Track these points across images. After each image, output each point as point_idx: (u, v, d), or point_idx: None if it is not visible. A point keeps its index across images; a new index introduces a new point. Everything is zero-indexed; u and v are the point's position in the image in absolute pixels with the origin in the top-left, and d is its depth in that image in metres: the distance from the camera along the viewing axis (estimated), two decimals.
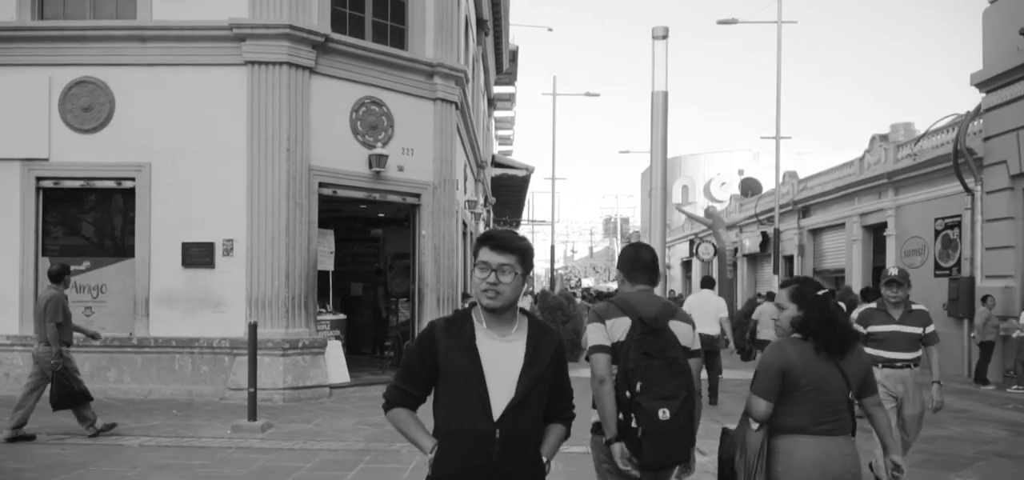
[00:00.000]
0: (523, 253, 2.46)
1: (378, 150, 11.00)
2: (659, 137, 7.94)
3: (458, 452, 2.38)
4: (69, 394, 7.64)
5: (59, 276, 7.88)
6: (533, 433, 2.47)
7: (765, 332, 11.18)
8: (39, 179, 10.38)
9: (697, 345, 3.39)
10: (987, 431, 8.71)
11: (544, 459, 2.52)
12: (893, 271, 5.63)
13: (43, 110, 10.25)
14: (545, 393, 2.47)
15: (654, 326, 3.19)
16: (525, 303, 16.31)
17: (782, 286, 3.29)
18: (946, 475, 6.60)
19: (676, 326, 3.29)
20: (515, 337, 2.46)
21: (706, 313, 10.08)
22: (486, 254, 2.43)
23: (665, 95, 7.95)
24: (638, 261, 3.49)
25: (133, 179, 10.30)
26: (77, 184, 10.47)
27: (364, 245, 16.66)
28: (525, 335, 2.48)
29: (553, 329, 2.60)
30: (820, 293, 3.14)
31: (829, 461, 2.97)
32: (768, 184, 30.87)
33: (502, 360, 2.41)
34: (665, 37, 7.98)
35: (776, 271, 20.88)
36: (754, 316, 11.82)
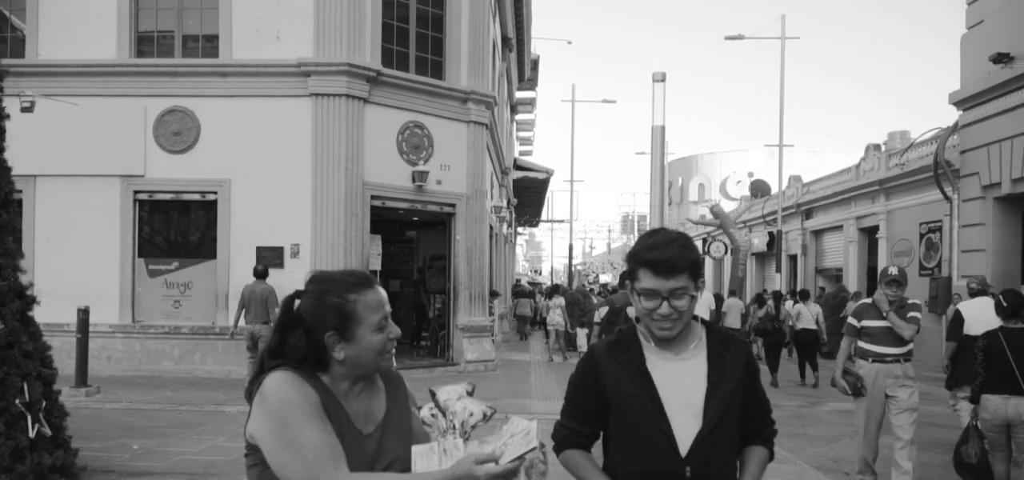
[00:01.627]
0: (694, 266, 2.07)
1: (420, 167, 12.80)
2: (657, 164, 9.67)
3: None
4: None
5: (265, 274, 10.36)
6: (729, 467, 2.11)
7: (729, 320, 13.24)
8: (136, 192, 12.28)
9: None
10: (932, 408, 10.33)
11: None
12: (894, 271, 5.66)
13: (139, 134, 12.15)
14: (737, 416, 2.11)
15: (615, 307, 6.15)
16: (558, 316, 17.47)
17: (613, 292, 6.10)
18: None
19: (631, 310, 6.02)
20: (693, 354, 2.12)
21: (698, 307, 11.96)
22: (651, 281, 2.04)
23: (663, 129, 9.69)
24: (624, 278, 6.42)
25: (215, 193, 12.18)
26: (168, 197, 12.39)
27: (400, 246, 18.46)
28: (705, 350, 2.13)
29: (738, 338, 2.27)
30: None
31: None
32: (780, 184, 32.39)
33: (681, 384, 2.08)
34: (663, 80, 9.73)
35: (778, 270, 22.47)
36: (723, 308, 13.88)
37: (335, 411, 1.83)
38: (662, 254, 2.04)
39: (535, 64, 31.29)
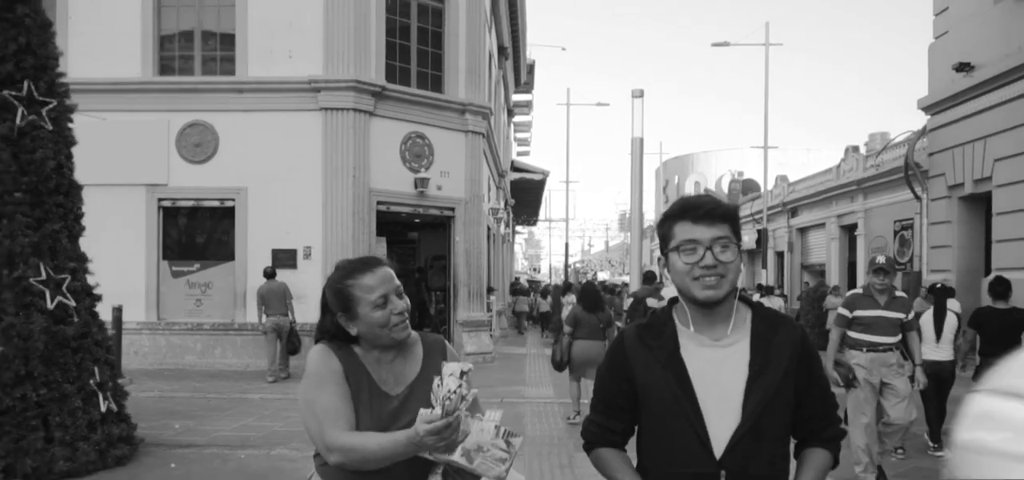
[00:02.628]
0: (735, 220, 1.87)
1: (421, 174, 13.82)
2: (637, 174, 10.69)
3: None
4: (297, 345, 11.43)
5: (274, 273, 11.83)
6: (776, 472, 1.83)
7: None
8: (160, 200, 13.29)
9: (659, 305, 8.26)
10: None
11: None
12: (881, 259, 5.76)
13: (163, 146, 13.16)
14: (787, 411, 1.84)
15: (638, 298, 8.18)
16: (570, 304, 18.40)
17: (610, 290, 7.32)
18: None
19: (651, 301, 8.26)
20: (734, 338, 1.85)
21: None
22: (689, 230, 1.82)
23: (641, 141, 10.71)
24: (649, 279, 10.04)
25: (233, 200, 13.19)
26: (189, 204, 13.41)
27: (403, 246, 19.48)
28: (748, 333, 1.85)
29: (790, 319, 2.00)
30: (586, 285, 8.32)
31: (588, 349, 7.12)
32: (768, 183, 33.41)
33: (720, 373, 1.81)
34: (641, 96, 10.74)
35: (764, 266, 23.50)
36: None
37: (357, 377, 2.09)
38: (701, 202, 1.86)
39: (531, 68, 32.24)
